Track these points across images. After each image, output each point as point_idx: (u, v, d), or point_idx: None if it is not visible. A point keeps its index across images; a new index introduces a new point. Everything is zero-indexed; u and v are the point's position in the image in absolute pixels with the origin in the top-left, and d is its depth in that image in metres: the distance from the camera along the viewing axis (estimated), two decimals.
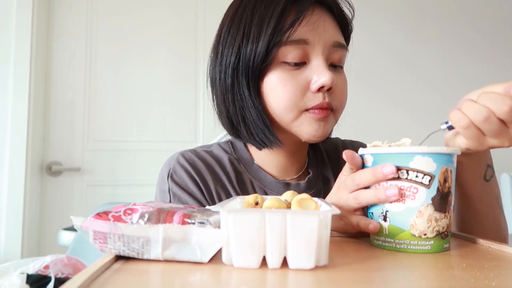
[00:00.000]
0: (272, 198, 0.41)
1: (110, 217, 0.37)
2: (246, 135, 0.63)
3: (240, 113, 0.62)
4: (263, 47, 0.57)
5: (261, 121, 0.61)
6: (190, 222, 0.37)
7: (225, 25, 0.63)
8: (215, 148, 0.70)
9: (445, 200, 0.43)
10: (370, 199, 0.45)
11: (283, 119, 0.61)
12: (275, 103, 0.60)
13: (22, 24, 1.68)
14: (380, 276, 0.34)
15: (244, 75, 0.60)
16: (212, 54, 0.66)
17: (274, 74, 0.59)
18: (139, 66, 1.86)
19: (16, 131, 1.66)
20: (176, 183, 0.64)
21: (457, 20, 1.96)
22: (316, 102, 0.59)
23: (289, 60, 0.58)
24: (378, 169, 0.44)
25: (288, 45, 0.57)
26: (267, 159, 0.69)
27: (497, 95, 0.43)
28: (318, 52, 0.59)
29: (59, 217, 1.75)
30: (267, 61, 0.58)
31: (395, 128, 1.95)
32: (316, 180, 0.71)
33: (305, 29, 0.58)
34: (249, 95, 0.60)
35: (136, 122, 1.85)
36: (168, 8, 1.91)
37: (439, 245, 0.43)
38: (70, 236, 1.42)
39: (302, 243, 0.33)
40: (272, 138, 0.62)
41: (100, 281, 0.30)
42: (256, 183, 0.67)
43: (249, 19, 0.59)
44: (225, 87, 0.62)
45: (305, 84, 0.59)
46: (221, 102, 0.64)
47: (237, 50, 0.60)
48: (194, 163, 0.66)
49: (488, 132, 0.45)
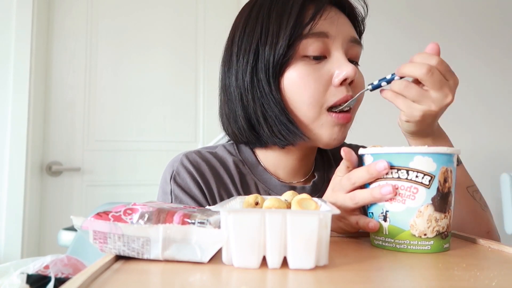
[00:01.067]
0: (272, 198, 0.41)
1: (110, 217, 0.37)
2: (268, 133, 0.62)
3: (261, 111, 0.61)
4: (284, 41, 0.57)
5: (284, 116, 0.60)
6: (190, 222, 0.37)
7: (239, 28, 0.63)
8: (220, 150, 0.70)
9: (445, 200, 0.43)
10: (366, 198, 0.45)
11: (305, 116, 0.60)
12: (298, 99, 0.59)
13: (22, 24, 1.68)
14: (380, 276, 0.34)
15: (264, 71, 0.59)
16: (225, 58, 0.65)
17: (294, 69, 0.59)
18: (139, 66, 1.86)
19: (16, 131, 1.66)
20: (178, 185, 0.63)
21: (456, 20, 1.96)
22: (340, 96, 0.59)
23: (310, 53, 0.58)
24: (371, 166, 0.44)
25: (309, 38, 0.58)
26: (276, 161, 0.68)
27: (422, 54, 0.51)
28: (338, 45, 0.59)
29: (59, 217, 1.75)
30: (288, 55, 0.58)
31: (394, 128, 1.95)
32: (321, 184, 0.70)
33: (325, 22, 0.58)
34: (270, 91, 0.59)
35: (136, 122, 1.85)
36: (168, 8, 1.91)
37: (439, 245, 0.43)
38: (70, 236, 1.42)
39: (302, 243, 0.33)
40: (297, 132, 0.60)
41: (100, 281, 0.30)
42: (261, 186, 0.67)
43: (266, 18, 0.60)
44: (243, 86, 0.61)
45: (327, 78, 0.59)
46: (237, 103, 0.63)
47: (255, 47, 0.60)
48: (198, 165, 0.65)
49: (431, 84, 0.50)
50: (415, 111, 0.52)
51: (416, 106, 0.52)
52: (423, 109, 0.51)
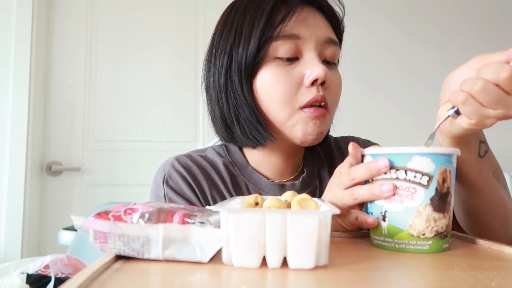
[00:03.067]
0: (272, 198, 0.41)
1: (110, 217, 0.37)
2: (240, 134, 0.63)
3: (234, 112, 0.62)
4: (254, 43, 0.58)
5: (254, 117, 0.61)
6: (190, 222, 0.37)
7: (218, 29, 0.65)
8: (210, 152, 0.71)
9: (444, 201, 0.43)
10: (365, 195, 0.45)
11: (277, 117, 0.60)
12: (269, 100, 0.60)
13: (22, 24, 1.68)
14: (380, 276, 0.34)
15: (237, 73, 0.60)
16: (206, 59, 0.67)
17: (266, 71, 0.59)
18: (139, 66, 1.86)
19: (16, 131, 1.66)
20: (171, 188, 0.64)
21: (456, 20, 1.96)
22: (310, 96, 0.58)
23: (281, 55, 0.59)
24: (372, 163, 0.44)
25: (279, 40, 0.58)
26: (263, 161, 0.68)
27: (493, 63, 0.41)
28: (310, 46, 0.59)
29: (59, 217, 1.75)
30: (259, 58, 0.58)
31: (394, 127, 1.95)
32: (311, 179, 0.70)
33: (296, 24, 0.59)
34: (242, 92, 0.60)
35: (136, 122, 1.85)
36: (168, 8, 1.91)
37: (438, 245, 0.43)
38: (70, 236, 1.42)
39: (302, 243, 0.33)
40: (265, 134, 0.61)
41: (100, 281, 0.30)
42: (251, 186, 0.67)
43: (240, 20, 0.61)
44: (218, 87, 0.63)
45: (298, 80, 0.59)
46: (215, 104, 0.65)
47: (229, 49, 0.61)
48: (189, 168, 0.66)
49: (488, 102, 0.41)
50: (486, 119, 0.43)
51: (489, 112, 0.42)
52: (498, 114, 0.42)
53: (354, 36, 1.87)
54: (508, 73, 0.39)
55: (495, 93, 0.40)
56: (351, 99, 1.81)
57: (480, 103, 0.42)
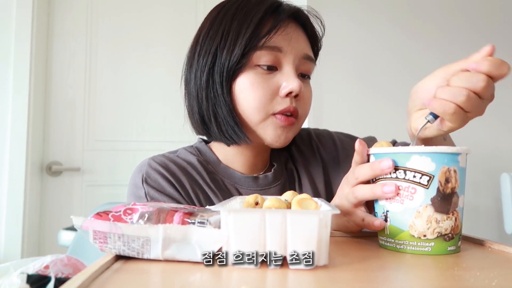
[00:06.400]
0: (272, 198, 0.41)
1: (110, 217, 0.37)
2: (216, 131, 0.66)
3: (212, 110, 0.65)
4: (239, 49, 0.61)
5: (231, 118, 0.64)
6: (190, 222, 0.37)
7: (204, 28, 0.67)
8: (182, 152, 0.74)
9: (448, 201, 0.42)
10: (366, 194, 0.46)
11: (251, 120, 0.64)
12: (245, 104, 0.63)
13: (22, 24, 1.68)
14: (380, 276, 0.34)
15: (219, 74, 0.63)
16: (189, 55, 0.70)
17: (246, 76, 0.63)
18: (139, 66, 1.86)
19: (16, 131, 1.65)
20: (152, 187, 0.65)
21: (457, 20, 1.96)
22: (284, 106, 0.63)
23: (262, 63, 0.62)
24: (376, 163, 0.45)
25: (263, 50, 0.62)
26: (234, 158, 0.71)
27: (466, 73, 0.45)
28: (290, 60, 0.63)
29: (59, 217, 1.75)
30: (241, 63, 0.62)
31: (394, 127, 1.95)
32: (281, 171, 0.74)
33: (280, 38, 0.62)
34: (221, 93, 0.63)
35: (136, 122, 1.85)
36: (168, 7, 1.91)
37: (442, 247, 0.42)
38: (70, 236, 1.42)
39: (302, 243, 0.33)
40: (241, 134, 0.65)
41: (100, 281, 0.30)
42: (227, 181, 0.70)
43: (228, 24, 0.63)
44: (199, 84, 0.65)
45: (274, 89, 0.63)
46: (194, 100, 0.68)
47: (214, 51, 0.64)
48: (166, 165, 0.68)
49: (471, 109, 0.46)
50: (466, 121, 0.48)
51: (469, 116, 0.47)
52: (474, 116, 0.48)
53: (354, 36, 1.87)
54: (485, 82, 0.44)
55: (475, 101, 0.45)
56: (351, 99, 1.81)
57: (464, 110, 0.46)
